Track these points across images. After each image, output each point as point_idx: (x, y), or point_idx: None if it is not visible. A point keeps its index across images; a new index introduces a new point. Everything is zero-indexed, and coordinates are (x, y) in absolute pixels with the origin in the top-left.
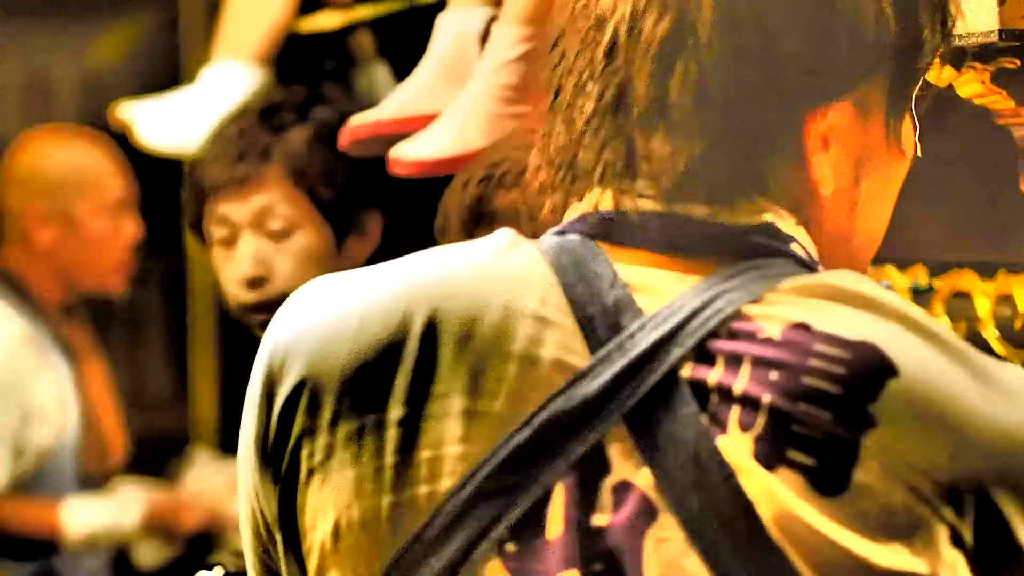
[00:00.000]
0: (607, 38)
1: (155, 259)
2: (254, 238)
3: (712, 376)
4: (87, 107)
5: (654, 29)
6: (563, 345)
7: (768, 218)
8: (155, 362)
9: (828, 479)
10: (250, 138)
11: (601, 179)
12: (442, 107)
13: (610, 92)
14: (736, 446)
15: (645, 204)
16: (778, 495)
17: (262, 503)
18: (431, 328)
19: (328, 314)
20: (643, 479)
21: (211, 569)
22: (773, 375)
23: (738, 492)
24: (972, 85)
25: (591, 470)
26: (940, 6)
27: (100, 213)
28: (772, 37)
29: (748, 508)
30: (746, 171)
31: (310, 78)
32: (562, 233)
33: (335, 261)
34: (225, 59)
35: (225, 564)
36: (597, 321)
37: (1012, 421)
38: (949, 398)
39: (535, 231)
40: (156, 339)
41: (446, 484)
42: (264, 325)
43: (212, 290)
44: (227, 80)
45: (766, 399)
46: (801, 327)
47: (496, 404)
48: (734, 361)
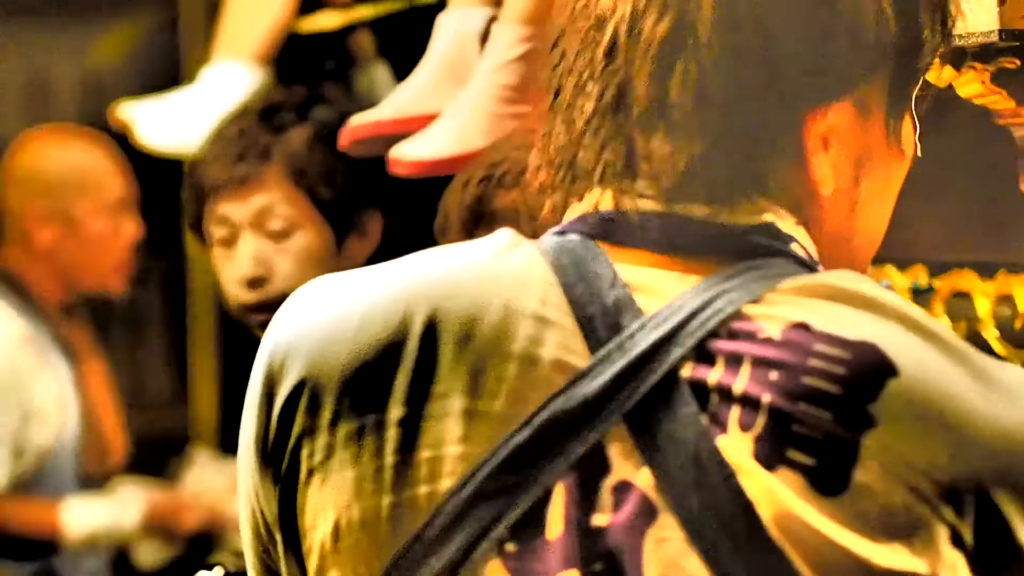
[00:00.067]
0: (607, 38)
1: (155, 259)
2: (254, 238)
3: (712, 376)
4: (87, 107)
5: (654, 29)
6: (563, 345)
7: (768, 218)
8: (155, 362)
9: (828, 479)
10: (250, 138)
11: (601, 179)
12: (442, 107)
13: (610, 92)
14: (736, 446)
15: (645, 204)
16: (778, 495)
17: (262, 503)
18: (431, 328)
19: (328, 314)
20: (643, 479)
21: (211, 569)
22: (773, 375)
23: (738, 492)
24: (972, 85)
25: (591, 470)
26: (940, 6)
27: (100, 213)
28: (772, 37)
29: (748, 508)
30: (746, 171)
31: (310, 78)
32: (562, 233)
33: (335, 261)
34: (225, 59)
35: (225, 564)
36: (597, 321)
37: (1012, 421)
38: (949, 398)
39: (535, 231)
40: (156, 339)
41: (446, 484)
42: (264, 325)
43: (212, 290)
44: (227, 80)
45: (766, 399)
46: (801, 327)
47: (496, 404)
48: (734, 361)
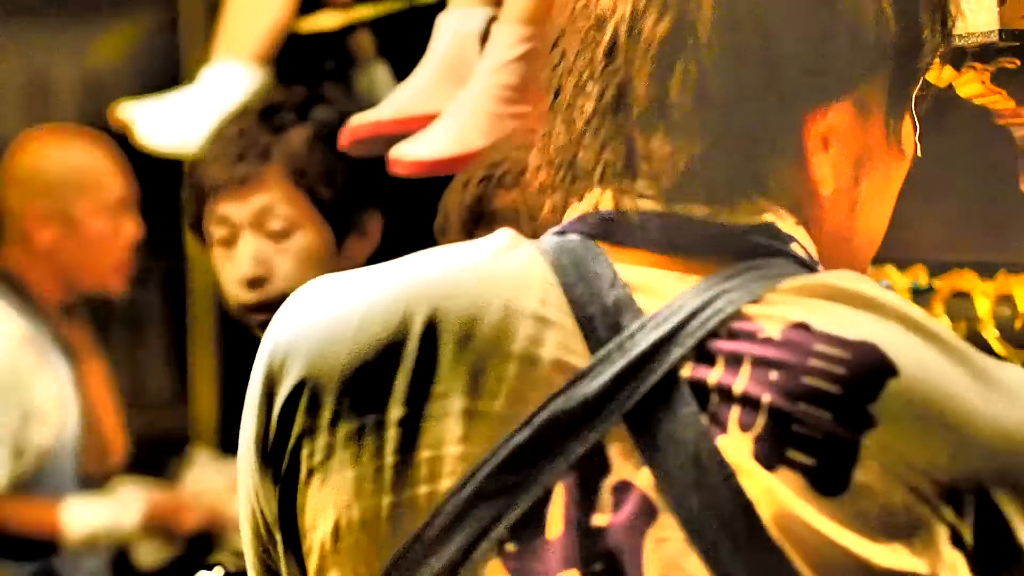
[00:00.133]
0: (607, 38)
1: (155, 259)
2: (254, 238)
3: (712, 376)
4: (87, 107)
5: (654, 29)
6: (563, 345)
7: (768, 218)
8: (155, 362)
9: (828, 479)
10: (250, 138)
11: (601, 179)
12: (442, 107)
13: (610, 92)
14: (736, 446)
15: (645, 204)
16: (778, 495)
17: (262, 503)
18: (431, 328)
19: (328, 314)
20: (643, 479)
21: (211, 569)
22: (773, 375)
23: (738, 492)
24: (972, 85)
25: (591, 470)
26: (940, 6)
27: (100, 213)
28: (772, 37)
29: (748, 508)
30: (746, 171)
31: (310, 78)
32: (562, 233)
33: (335, 261)
34: (225, 59)
35: (225, 564)
36: (597, 321)
37: (1012, 421)
38: (949, 398)
39: (535, 231)
40: (156, 339)
41: (446, 484)
42: (264, 325)
43: (212, 290)
44: (227, 80)
45: (766, 399)
46: (801, 327)
47: (496, 404)
48: (734, 361)
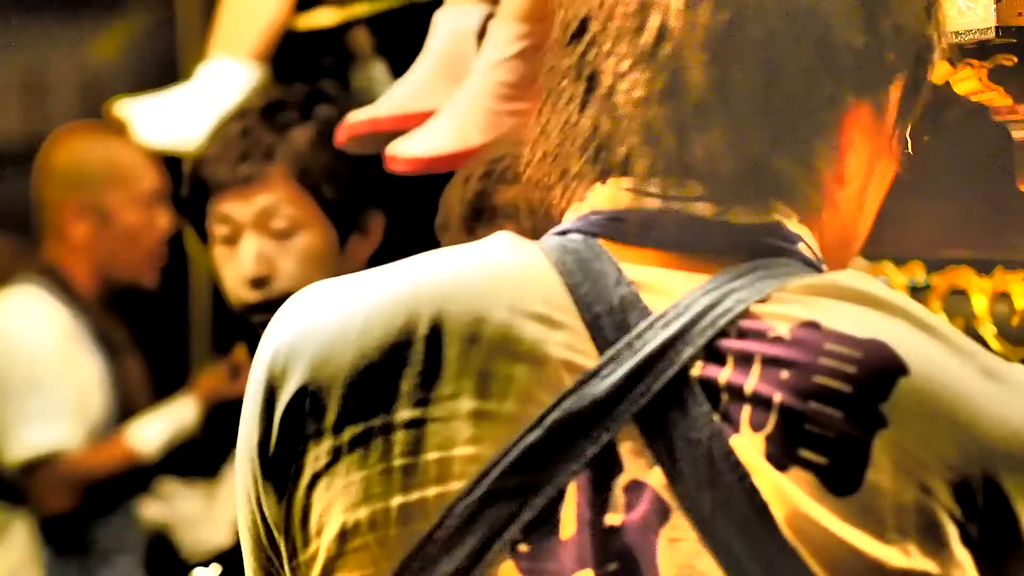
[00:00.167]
0: (655, 24)
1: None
2: (257, 237)
3: (722, 375)
4: (85, 105)
5: (713, 17)
6: (570, 345)
7: (775, 217)
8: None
9: (840, 478)
10: (254, 137)
11: (603, 175)
12: (439, 104)
13: (662, 80)
14: (748, 446)
15: (650, 202)
16: (790, 495)
17: (264, 509)
18: (436, 330)
19: (330, 317)
20: (655, 478)
21: (207, 566)
22: (784, 374)
23: (753, 492)
24: (969, 82)
25: (603, 470)
26: (938, 13)
27: (133, 206)
28: (829, 26)
29: (763, 508)
30: (757, 170)
31: (308, 75)
32: (563, 233)
33: (338, 260)
34: (222, 56)
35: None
36: (604, 320)
37: (1021, 418)
38: (959, 396)
39: (536, 226)
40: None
41: (456, 485)
42: (267, 325)
43: (212, 289)
44: (224, 77)
45: (777, 398)
46: (811, 326)
47: (506, 405)
48: (744, 360)
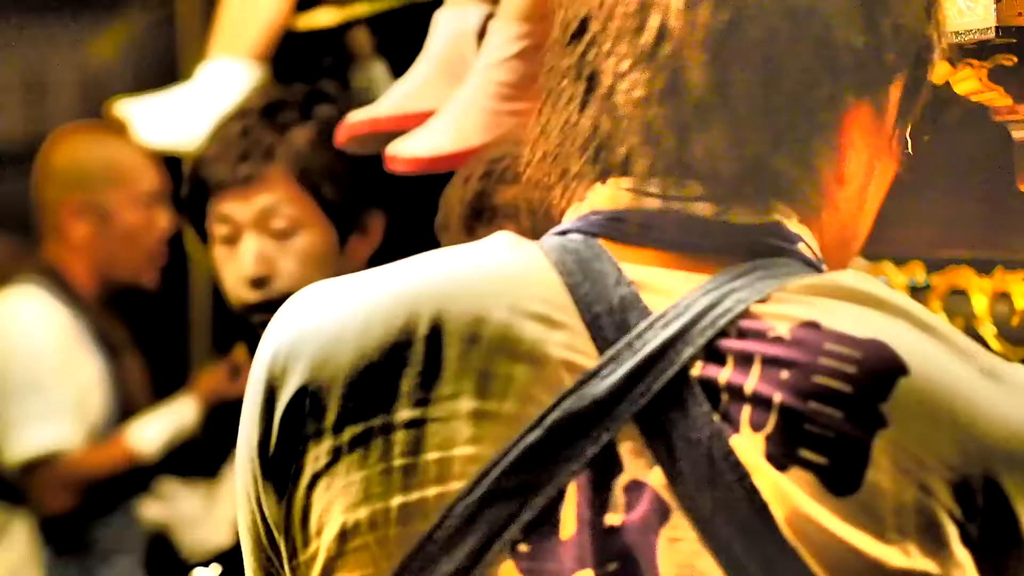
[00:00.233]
0: (655, 24)
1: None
2: (257, 237)
3: (722, 375)
4: (85, 105)
5: (712, 17)
6: (570, 345)
7: (775, 217)
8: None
9: (840, 478)
10: (254, 137)
11: (603, 175)
12: (439, 104)
13: (662, 80)
14: (748, 446)
15: (650, 202)
16: (790, 495)
17: (264, 509)
18: (436, 330)
19: (330, 317)
20: (655, 478)
21: (207, 566)
22: (784, 374)
23: (753, 492)
24: (969, 82)
25: (603, 470)
26: (938, 13)
27: (133, 205)
28: (829, 26)
29: (763, 509)
30: (757, 170)
31: (308, 75)
32: (563, 233)
33: (338, 260)
34: (222, 56)
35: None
36: (604, 320)
37: (1021, 418)
38: (959, 396)
39: (536, 226)
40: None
41: (456, 485)
42: (267, 325)
43: (212, 289)
44: (224, 77)
45: (777, 398)
46: (811, 326)
47: (505, 405)
48: (744, 360)
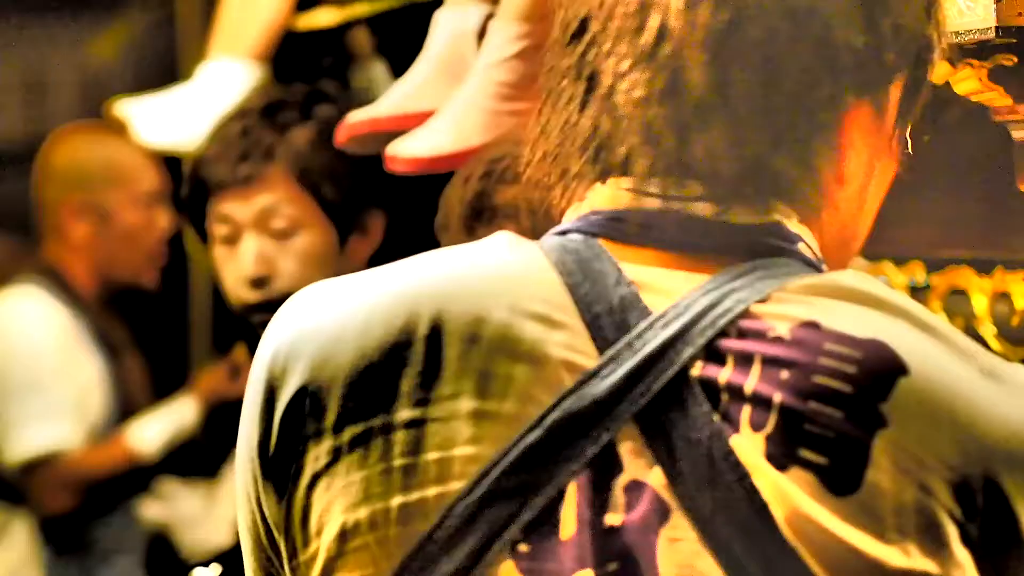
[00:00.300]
0: (655, 24)
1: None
2: (257, 237)
3: (722, 375)
4: (85, 105)
5: (712, 17)
6: (570, 345)
7: (775, 217)
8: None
9: (840, 479)
10: (254, 137)
11: (603, 175)
12: (439, 104)
13: (662, 80)
14: (748, 446)
15: (650, 202)
16: (790, 495)
17: (264, 509)
18: (436, 330)
19: (330, 317)
20: (655, 478)
21: (207, 566)
22: (784, 374)
23: (753, 492)
24: (969, 82)
25: (603, 470)
26: (937, 13)
27: (133, 205)
28: (829, 26)
29: (763, 509)
30: (757, 170)
31: (308, 75)
32: (563, 233)
33: (338, 260)
34: (222, 56)
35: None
36: (604, 320)
37: (1021, 418)
38: (959, 396)
39: (535, 226)
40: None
41: (456, 485)
42: (267, 325)
43: (212, 289)
44: (224, 77)
45: (777, 398)
46: (811, 326)
47: (506, 405)
48: (744, 360)
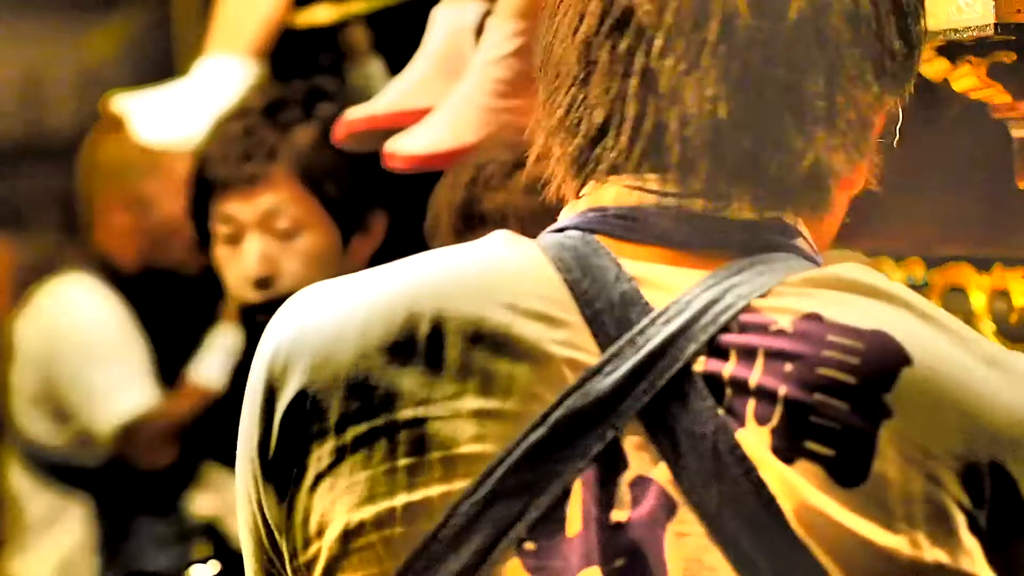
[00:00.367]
0: (630, 19)
1: None
2: (261, 237)
3: (726, 370)
4: (82, 101)
5: (714, 34)
6: (572, 342)
7: (775, 213)
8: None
9: (847, 470)
10: (256, 137)
11: (606, 171)
12: (436, 101)
13: (636, 75)
14: (754, 439)
15: (649, 199)
16: (798, 488)
17: (265, 511)
18: (437, 329)
19: (330, 317)
20: (660, 474)
21: (205, 563)
22: (788, 367)
23: (760, 486)
24: (968, 79)
25: (608, 466)
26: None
27: (171, 193)
28: (829, 25)
29: (771, 502)
30: (757, 169)
31: (305, 73)
32: (560, 230)
33: (341, 260)
34: (220, 53)
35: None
36: (605, 316)
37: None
38: (963, 385)
39: (524, 232)
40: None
41: (461, 484)
42: None
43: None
44: (222, 74)
45: (782, 391)
46: (813, 318)
47: (509, 403)
48: (747, 354)
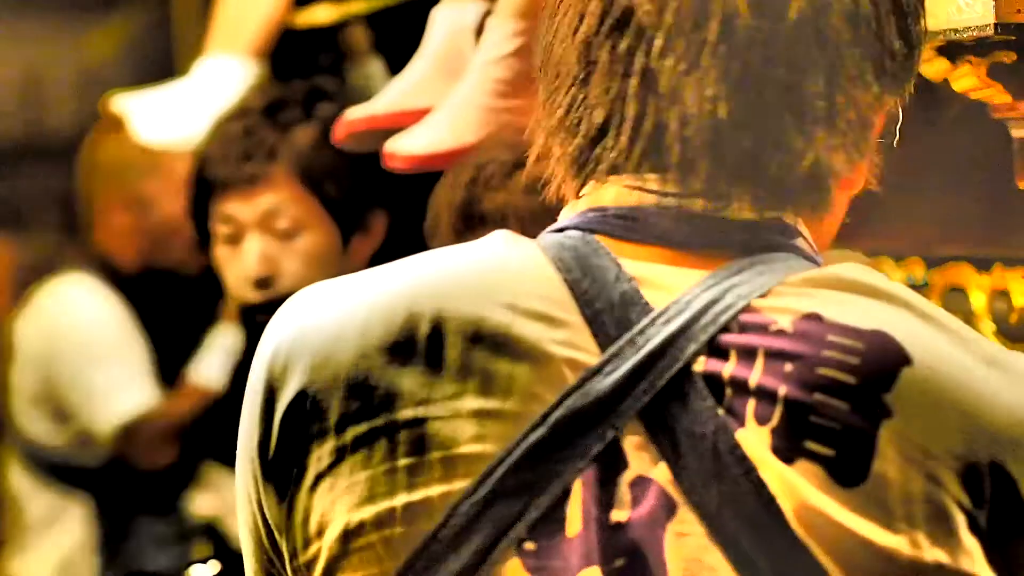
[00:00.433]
0: (632, 18)
1: None
2: (261, 238)
3: (726, 370)
4: (82, 101)
5: (745, 20)
6: (572, 342)
7: (775, 213)
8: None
9: (847, 470)
10: (256, 137)
11: (605, 170)
12: (436, 101)
13: (636, 75)
14: (754, 439)
15: (649, 199)
16: (798, 488)
17: (265, 510)
18: (437, 329)
19: (330, 317)
20: (660, 473)
21: (205, 563)
22: (788, 367)
23: (760, 486)
24: (968, 79)
25: (608, 466)
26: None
27: (171, 193)
28: (828, 26)
29: (771, 502)
30: (757, 168)
31: (305, 73)
32: (560, 230)
33: (341, 260)
34: (219, 53)
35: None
36: (605, 316)
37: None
38: (963, 385)
39: (524, 233)
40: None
41: (461, 484)
42: None
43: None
44: (222, 74)
45: (782, 391)
46: (813, 318)
47: (508, 403)
48: (747, 354)
